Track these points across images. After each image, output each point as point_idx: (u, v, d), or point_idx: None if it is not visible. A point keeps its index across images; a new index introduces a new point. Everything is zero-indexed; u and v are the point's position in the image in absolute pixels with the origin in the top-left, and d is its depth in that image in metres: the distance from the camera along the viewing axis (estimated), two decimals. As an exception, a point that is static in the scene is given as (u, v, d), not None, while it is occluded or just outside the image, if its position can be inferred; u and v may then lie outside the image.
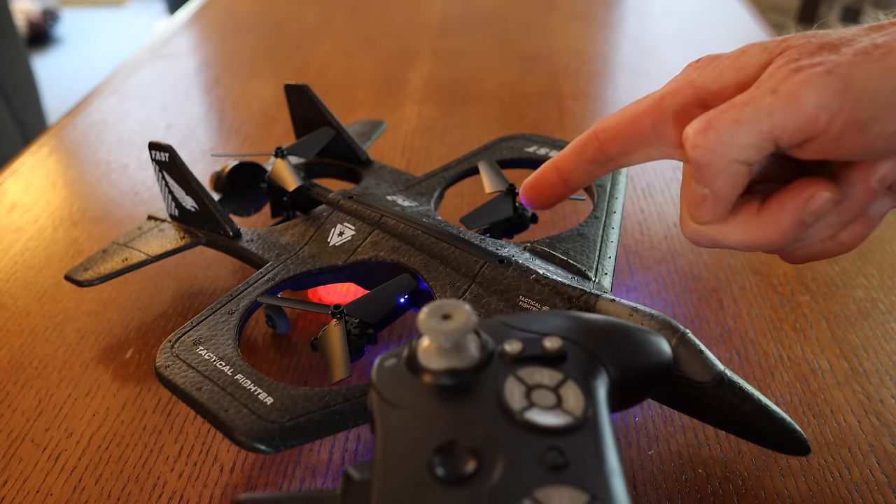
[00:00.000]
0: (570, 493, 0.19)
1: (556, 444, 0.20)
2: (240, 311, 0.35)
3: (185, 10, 1.01)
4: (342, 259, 0.38)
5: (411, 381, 0.23)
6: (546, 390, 0.22)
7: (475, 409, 0.22)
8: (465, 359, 0.23)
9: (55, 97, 1.82)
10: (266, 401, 0.29)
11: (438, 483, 0.20)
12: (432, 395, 0.22)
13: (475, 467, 0.20)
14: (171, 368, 0.31)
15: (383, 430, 0.22)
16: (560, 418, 0.21)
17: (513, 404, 0.22)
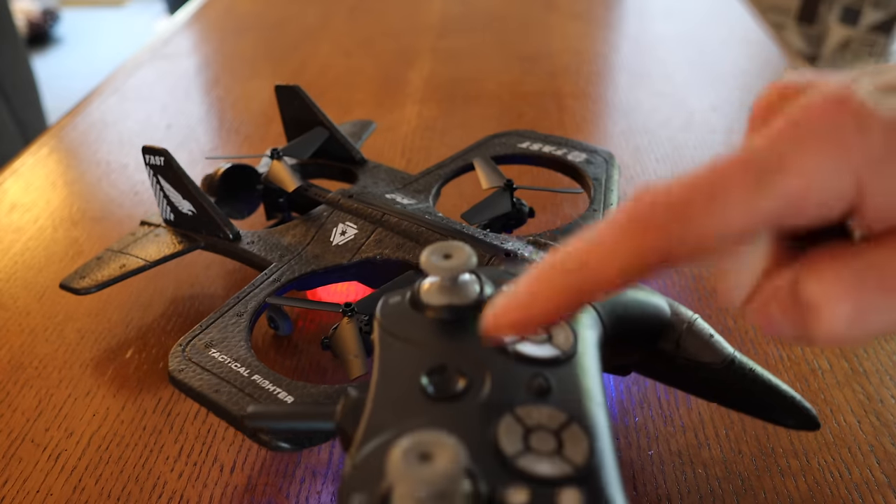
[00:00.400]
0: (549, 412, 0.20)
1: (542, 373, 0.22)
2: (248, 312, 0.35)
3: (185, 10, 1.01)
4: (346, 258, 0.38)
5: (413, 315, 0.24)
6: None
7: (469, 341, 0.23)
8: (463, 297, 0.24)
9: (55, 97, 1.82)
10: (286, 400, 0.29)
11: (427, 399, 0.21)
12: (430, 328, 0.24)
13: (464, 387, 0.21)
14: (186, 372, 0.31)
15: (382, 357, 0.23)
16: (548, 351, 0.23)
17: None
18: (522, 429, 0.20)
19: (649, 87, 0.73)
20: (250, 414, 0.25)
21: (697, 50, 0.83)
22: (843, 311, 0.17)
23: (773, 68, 0.78)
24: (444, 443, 0.17)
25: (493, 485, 0.18)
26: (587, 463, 0.19)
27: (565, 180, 0.46)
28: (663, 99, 0.70)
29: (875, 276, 0.17)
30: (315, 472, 0.33)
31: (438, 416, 0.21)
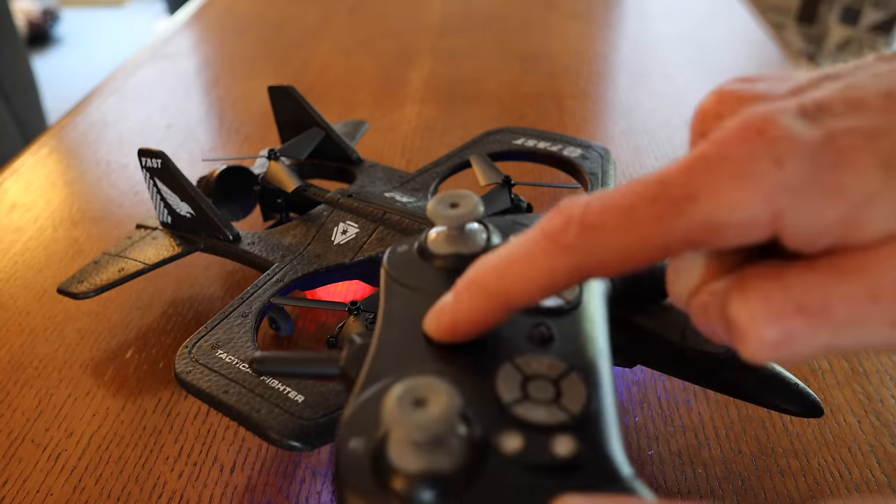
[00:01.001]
0: (549, 361, 0.21)
1: (545, 322, 0.22)
2: (253, 313, 0.35)
3: (185, 10, 1.01)
4: (349, 257, 0.38)
5: (420, 264, 0.25)
6: None
7: None
8: (470, 246, 0.24)
9: (55, 97, 1.82)
10: (297, 399, 0.29)
11: (429, 346, 0.21)
12: (436, 277, 0.24)
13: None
14: (193, 373, 0.31)
15: (386, 305, 0.24)
16: (552, 301, 0.23)
17: None
18: (521, 377, 0.20)
19: (649, 87, 0.73)
20: (258, 358, 0.25)
21: (697, 50, 0.83)
22: (769, 336, 0.17)
23: (772, 68, 0.78)
24: (438, 388, 0.17)
25: (489, 430, 0.18)
26: (584, 411, 0.19)
27: (562, 176, 0.46)
28: (663, 99, 0.70)
29: (805, 301, 0.17)
30: (315, 471, 0.33)
31: (439, 364, 0.21)
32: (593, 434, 0.19)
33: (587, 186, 0.42)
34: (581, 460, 0.18)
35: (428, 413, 0.17)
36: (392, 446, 0.18)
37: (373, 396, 0.20)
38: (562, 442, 0.18)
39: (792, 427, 0.34)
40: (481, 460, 0.18)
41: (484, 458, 0.18)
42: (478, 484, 0.17)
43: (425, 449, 0.17)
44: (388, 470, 0.17)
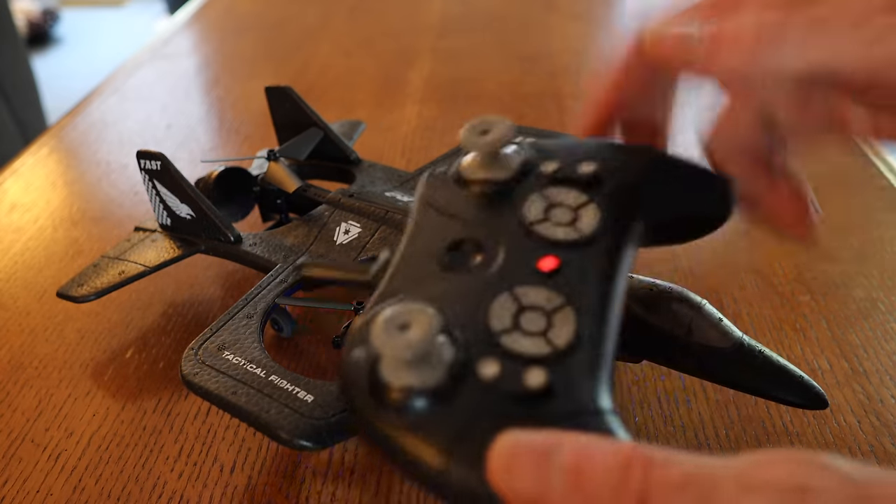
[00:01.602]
0: (547, 294, 0.21)
1: (554, 253, 0.22)
2: (259, 314, 0.35)
3: (185, 10, 1.01)
4: (352, 256, 0.38)
5: (454, 189, 0.25)
6: (566, 209, 0.24)
7: (497, 217, 0.24)
8: (504, 170, 0.25)
9: (55, 97, 1.82)
10: (306, 399, 0.29)
11: (442, 269, 0.23)
12: (466, 203, 0.25)
13: (477, 262, 0.23)
14: (201, 375, 0.31)
15: (414, 224, 0.25)
16: (566, 234, 0.23)
17: (528, 216, 0.24)
18: (516, 307, 0.21)
19: (649, 87, 0.72)
20: (306, 264, 0.27)
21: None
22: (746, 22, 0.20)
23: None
24: (420, 314, 0.19)
25: (473, 355, 0.20)
26: (567, 347, 0.20)
27: None
28: (663, 99, 0.70)
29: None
30: (315, 472, 0.33)
31: (445, 287, 0.22)
32: (572, 368, 0.19)
33: None
34: (555, 392, 0.19)
35: (410, 336, 0.19)
36: (384, 363, 0.20)
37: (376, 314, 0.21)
38: (534, 374, 0.19)
39: (792, 427, 0.34)
40: (462, 382, 0.19)
41: (464, 380, 0.19)
42: (457, 402, 0.19)
43: (412, 367, 0.19)
44: (382, 383, 0.19)
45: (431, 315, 0.19)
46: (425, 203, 0.25)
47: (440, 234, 0.24)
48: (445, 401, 0.19)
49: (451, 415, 0.19)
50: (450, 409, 0.19)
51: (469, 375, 0.19)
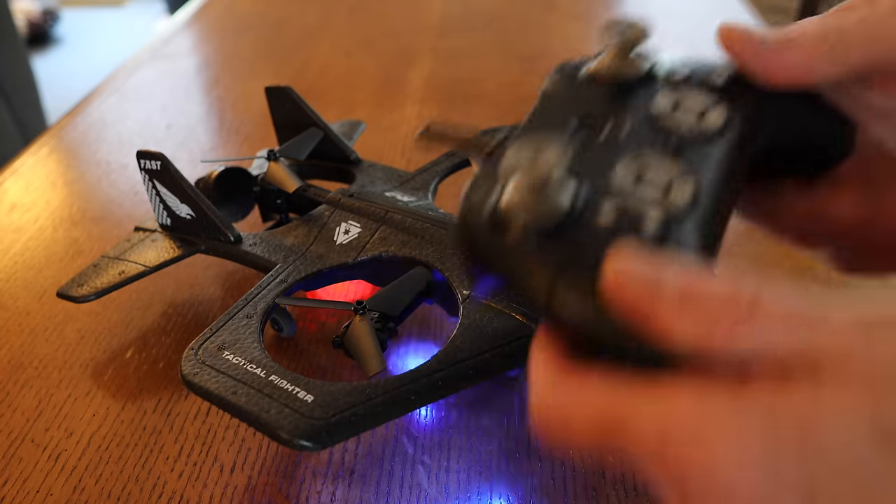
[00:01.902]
0: (669, 164, 0.22)
1: (679, 142, 0.23)
2: (259, 314, 0.35)
3: (185, 10, 1.01)
4: (352, 256, 0.38)
5: (580, 81, 0.25)
6: (693, 107, 0.24)
7: (624, 108, 0.24)
8: (630, 69, 0.25)
9: (55, 97, 1.82)
10: (306, 399, 0.29)
11: (568, 136, 0.23)
12: (593, 92, 0.25)
13: (602, 138, 0.23)
14: (201, 375, 0.31)
15: (538, 106, 0.25)
16: (692, 127, 0.23)
17: (656, 109, 0.24)
18: (639, 168, 0.22)
19: (649, 88, 0.73)
20: (431, 122, 0.27)
21: (698, 50, 0.83)
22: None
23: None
24: (553, 144, 0.20)
25: (594, 200, 0.20)
26: (685, 206, 0.20)
27: None
28: (663, 99, 0.70)
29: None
30: (315, 471, 0.33)
31: (570, 147, 0.22)
32: (685, 225, 0.20)
33: None
34: (667, 241, 0.20)
35: (539, 160, 0.20)
36: (510, 187, 0.20)
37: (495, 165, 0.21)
38: (651, 220, 0.20)
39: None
40: (581, 221, 0.20)
41: (583, 220, 0.20)
42: (575, 237, 0.20)
43: (536, 193, 0.20)
44: (500, 215, 0.20)
45: (561, 146, 0.20)
46: (551, 91, 0.26)
47: (565, 113, 0.24)
48: (563, 235, 0.20)
49: (568, 246, 0.20)
50: (567, 242, 0.20)
51: (588, 216, 0.20)
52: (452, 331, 0.32)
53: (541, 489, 0.32)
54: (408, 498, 0.32)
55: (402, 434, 0.35)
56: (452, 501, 0.32)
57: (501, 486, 0.32)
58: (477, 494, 0.32)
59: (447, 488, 0.32)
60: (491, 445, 0.34)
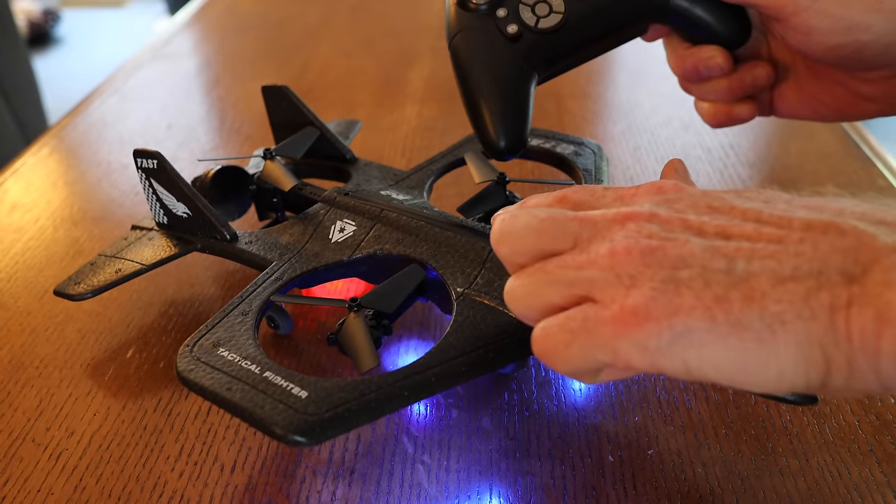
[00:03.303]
0: (558, 4, 0.36)
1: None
2: (253, 311, 0.35)
3: (186, 11, 1.02)
4: (347, 254, 0.38)
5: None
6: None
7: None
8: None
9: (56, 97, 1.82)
10: (300, 395, 0.29)
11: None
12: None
13: None
14: (196, 371, 0.31)
15: None
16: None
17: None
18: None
19: (649, 87, 0.73)
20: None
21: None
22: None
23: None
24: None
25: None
26: (543, 30, 0.37)
27: (555, 172, 0.47)
28: (663, 99, 0.70)
29: None
30: (315, 471, 0.33)
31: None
32: (542, 42, 0.37)
33: (580, 182, 0.42)
34: (520, 42, 0.37)
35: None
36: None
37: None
38: (512, 27, 0.36)
39: (791, 427, 0.34)
40: (491, 12, 0.37)
41: (496, 7, 0.37)
42: (485, 22, 0.37)
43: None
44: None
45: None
46: None
47: None
48: (484, 16, 0.37)
49: (488, 19, 0.37)
50: (483, 22, 0.37)
51: (496, 9, 0.37)
52: (446, 328, 0.33)
53: (541, 488, 0.32)
54: (408, 497, 0.32)
55: (403, 433, 0.35)
56: (452, 501, 0.32)
57: (501, 486, 0.32)
58: (477, 494, 0.32)
59: (447, 487, 0.32)
60: (491, 445, 0.34)
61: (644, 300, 0.23)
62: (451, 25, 0.38)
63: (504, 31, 0.36)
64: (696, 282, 0.23)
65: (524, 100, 0.37)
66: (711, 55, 0.38)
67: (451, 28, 0.38)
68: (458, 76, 0.38)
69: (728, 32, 0.38)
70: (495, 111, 0.37)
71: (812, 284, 0.22)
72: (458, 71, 0.38)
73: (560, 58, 0.38)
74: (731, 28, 0.38)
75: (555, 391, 0.37)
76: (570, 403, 0.36)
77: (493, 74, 0.37)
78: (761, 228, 0.24)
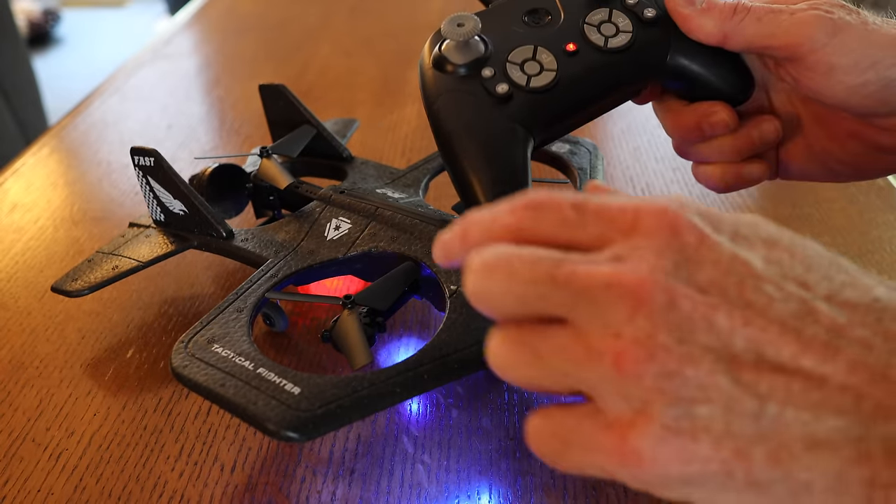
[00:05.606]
0: (551, 60, 0.34)
1: (577, 44, 0.35)
2: (248, 308, 0.35)
3: (186, 11, 1.02)
4: (342, 252, 0.38)
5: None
6: (613, 27, 0.35)
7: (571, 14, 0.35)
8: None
9: (56, 97, 1.82)
10: (293, 391, 0.29)
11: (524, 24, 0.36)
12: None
13: (539, 23, 0.35)
14: (190, 367, 0.31)
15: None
16: (598, 39, 0.34)
17: (590, 20, 0.35)
18: (529, 56, 0.34)
19: (649, 87, 0.73)
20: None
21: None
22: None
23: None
24: (471, 19, 0.33)
25: (489, 61, 0.34)
26: (534, 89, 0.34)
27: (551, 171, 0.47)
28: (663, 99, 0.70)
29: None
30: (315, 471, 0.33)
31: (495, 26, 0.35)
32: (533, 103, 0.34)
33: (576, 181, 0.43)
34: (510, 104, 0.34)
35: (460, 28, 0.33)
36: (446, 47, 0.35)
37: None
38: (502, 87, 0.34)
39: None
40: (478, 70, 0.34)
41: (479, 71, 0.34)
42: (474, 77, 0.34)
43: (459, 49, 0.34)
44: (441, 56, 0.35)
45: (477, 22, 0.33)
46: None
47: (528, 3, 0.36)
48: (466, 77, 0.34)
49: (472, 81, 0.34)
50: (465, 82, 0.34)
51: (481, 70, 0.34)
52: (439, 325, 0.33)
53: (541, 488, 0.32)
54: (408, 497, 0.32)
55: (403, 433, 0.35)
56: (452, 500, 0.32)
57: (501, 486, 0.32)
58: (477, 493, 0.32)
59: (447, 487, 0.32)
60: (491, 445, 0.34)
61: (652, 442, 0.19)
62: (429, 89, 0.34)
63: (493, 92, 0.33)
64: (717, 424, 0.19)
65: (523, 165, 0.33)
66: (714, 110, 0.35)
67: (430, 92, 0.34)
68: (444, 143, 0.34)
69: (730, 87, 0.35)
70: (490, 178, 0.33)
71: (849, 455, 0.18)
72: (444, 138, 0.34)
73: (555, 119, 0.34)
74: (733, 82, 0.35)
75: (555, 391, 0.37)
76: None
77: (483, 139, 0.33)
78: (801, 359, 0.19)
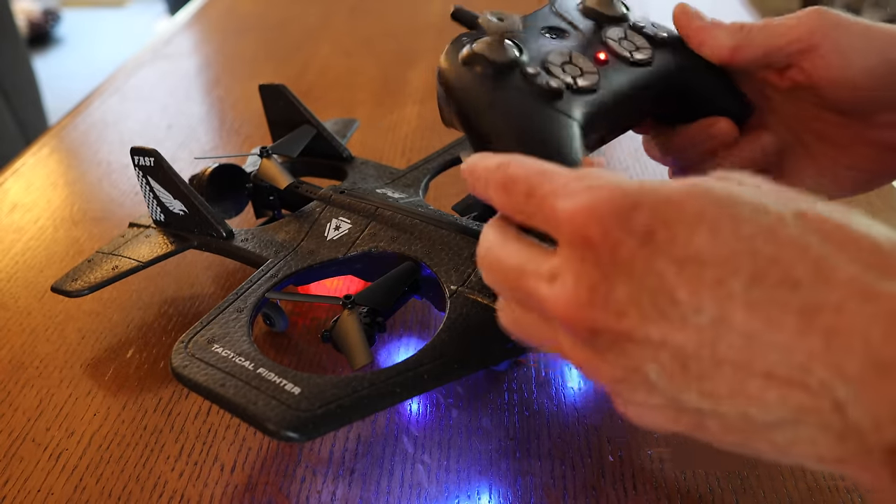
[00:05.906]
0: (591, 66, 0.33)
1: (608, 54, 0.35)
2: (248, 308, 0.35)
3: (186, 11, 1.02)
4: (342, 252, 0.38)
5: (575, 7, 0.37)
6: (632, 43, 0.36)
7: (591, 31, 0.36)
8: (612, 10, 0.37)
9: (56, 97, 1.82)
10: (293, 391, 0.29)
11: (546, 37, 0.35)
12: (579, 14, 0.36)
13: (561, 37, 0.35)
14: (190, 367, 0.31)
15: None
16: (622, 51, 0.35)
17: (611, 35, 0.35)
18: (566, 59, 0.33)
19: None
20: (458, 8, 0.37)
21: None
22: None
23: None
24: (511, 17, 0.31)
25: (529, 62, 0.32)
26: (581, 88, 0.32)
27: None
28: (663, 99, 0.70)
29: None
30: (315, 471, 0.33)
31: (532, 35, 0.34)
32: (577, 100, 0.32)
33: None
34: (561, 97, 0.31)
35: (499, 23, 0.31)
36: (479, 46, 0.32)
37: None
38: (555, 82, 0.31)
39: (791, 427, 0.34)
40: (516, 68, 0.31)
41: (517, 69, 0.31)
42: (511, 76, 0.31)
43: (497, 49, 0.31)
44: (475, 53, 0.32)
45: (518, 20, 0.31)
46: (551, 5, 0.36)
47: (547, 19, 0.35)
48: (505, 74, 0.31)
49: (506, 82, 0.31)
50: (505, 80, 0.31)
51: (521, 68, 0.31)
52: (439, 325, 0.33)
53: (541, 488, 0.32)
54: (408, 497, 0.32)
55: (403, 433, 0.35)
56: (452, 500, 0.32)
57: (501, 486, 0.32)
58: (477, 493, 0.32)
59: (447, 487, 0.32)
60: (491, 445, 0.34)
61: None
62: (464, 90, 0.31)
63: (544, 87, 0.31)
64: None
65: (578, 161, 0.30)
66: (716, 121, 0.35)
67: (469, 93, 0.31)
68: (493, 141, 0.30)
69: (734, 105, 0.36)
70: None
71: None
72: (494, 137, 0.30)
73: (598, 123, 0.33)
74: (737, 100, 0.36)
75: (554, 391, 0.37)
76: (569, 403, 0.36)
77: (542, 136, 0.30)
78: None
